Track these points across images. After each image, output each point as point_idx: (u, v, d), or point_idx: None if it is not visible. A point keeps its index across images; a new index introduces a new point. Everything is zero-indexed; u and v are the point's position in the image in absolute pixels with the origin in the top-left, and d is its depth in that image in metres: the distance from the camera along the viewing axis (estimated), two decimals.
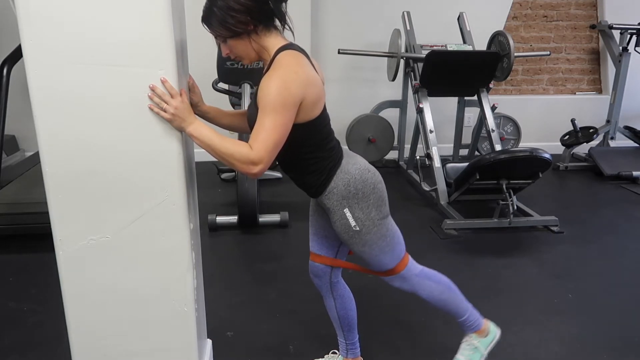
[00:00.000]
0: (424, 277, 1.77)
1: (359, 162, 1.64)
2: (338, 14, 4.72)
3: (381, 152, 4.75)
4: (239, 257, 3.10)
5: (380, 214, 1.63)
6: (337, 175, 1.59)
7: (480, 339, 1.89)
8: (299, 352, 2.16)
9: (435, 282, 1.79)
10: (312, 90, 1.46)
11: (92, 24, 1.27)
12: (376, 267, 1.71)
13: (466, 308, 1.85)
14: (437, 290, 1.79)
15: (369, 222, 1.60)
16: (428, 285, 1.77)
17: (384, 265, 1.70)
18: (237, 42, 1.49)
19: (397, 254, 1.70)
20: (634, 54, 4.79)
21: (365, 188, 1.59)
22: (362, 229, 1.60)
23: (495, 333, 1.92)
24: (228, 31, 1.46)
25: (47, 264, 1.82)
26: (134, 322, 1.54)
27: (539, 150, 3.17)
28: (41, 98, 1.31)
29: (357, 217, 1.59)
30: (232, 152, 1.38)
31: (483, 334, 1.89)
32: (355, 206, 1.59)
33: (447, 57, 3.99)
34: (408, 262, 1.74)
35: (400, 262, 1.71)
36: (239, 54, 1.53)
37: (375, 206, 1.61)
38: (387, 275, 1.74)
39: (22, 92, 1.76)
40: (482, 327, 1.89)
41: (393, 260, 1.69)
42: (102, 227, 1.43)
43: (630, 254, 3.12)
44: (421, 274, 1.77)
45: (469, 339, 1.89)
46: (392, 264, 1.70)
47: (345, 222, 1.60)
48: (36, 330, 2.28)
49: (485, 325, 1.90)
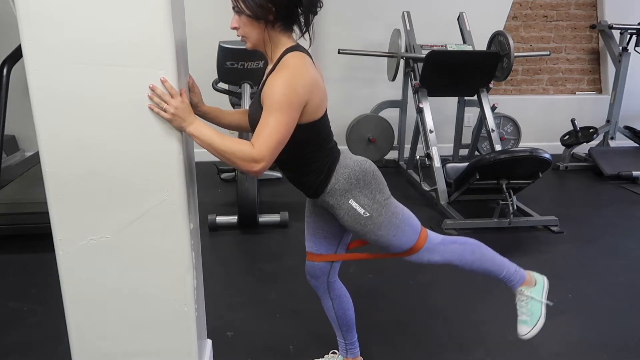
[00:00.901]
0: (450, 243, 1.73)
1: (355, 156, 1.66)
2: (338, 14, 4.72)
3: (381, 152, 4.74)
4: (239, 257, 3.10)
5: (384, 195, 1.62)
6: (337, 172, 1.59)
7: (530, 289, 1.80)
8: (299, 352, 2.16)
9: (462, 243, 1.74)
10: (317, 92, 1.47)
11: (92, 24, 1.27)
12: (398, 248, 1.66)
13: (502, 263, 1.78)
14: (468, 251, 1.73)
15: (377, 204, 1.59)
16: (456, 249, 1.72)
17: (405, 243, 1.65)
18: (251, 22, 1.45)
19: (414, 227, 1.66)
20: (634, 54, 4.79)
21: (365, 176, 1.60)
22: (373, 213, 1.59)
23: (543, 280, 1.84)
24: (247, 7, 1.42)
25: (47, 264, 1.82)
26: (134, 322, 1.54)
27: (539, 150, 3.17)
28: (41, 98, 1.31)
29: (364, 204, 1.59)
30: (234, 150, 1.38)
31: (531, 284, 1.81)
32: (359, 195, 1.59)
33: (447, 57, 3.99)
34: (428, 233, 1.70)
35: (420, 236, 1.67)
36: (246, 35, 1.48)
37: (377, 190, 1.61)
38: (412, 253, 1.68)
39: (22, 92, 1.76)
40: (527, 278, 1.81)
41: (412, 235, 1.65)
42: (102, 227, 1.43)
43: (630, 254, 3.12)
44: (445, 240, 1.73)
45: (520, 294, 1.81)
46: (412, 239, 1.65)
47: (354, 213, 1.59)
48: (36, 330, 2.28)
49: (530, 276, 1.83)
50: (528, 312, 1.80)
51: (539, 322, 1.79)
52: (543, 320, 1.79)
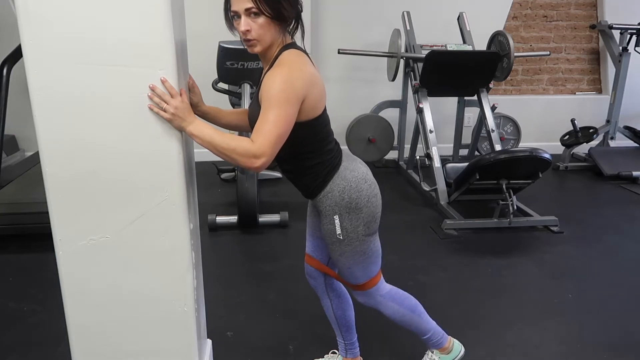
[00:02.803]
0: (389, 299, 1.79)
1: (358, 169, 1.63)
2: (338, 14, 4.72)
3: (381, 152, 4.74)
4: (239, 257, 3.10)
5: (367, 230, 1.63)
6: (334, 181, 1.59)
7: (441, 355, 1.94)
8: (299, 352, 2.16)
9: (399, 304, 1.81)
10: (315, 89, 1.47)
11: (92, 24, 1.27)
12: (346, 278, 1.73)
13: (429, 328, 1.89)
14: (399, 313, 1.82)
15: (354, 235, 1.61)
16: (391, 307, 1.80)
17: (354, 279, 1.71)
18: (269, 24, 1.41)
19: (369, 272, 1.71)
20: (634, 54, 4.79)
21: (359, 199, 1.59)
22: (345, 240, 1.61)
23: (460, 351, 1.96)
24: (274, 10, 1.39)
25: (47, 264, 1.82)
26: (134, 322, 1.54)
27: (539, 150, 3.17)
28: (41, 98, 1.31)
29: (344, 227, 1.60)
30: (234, 147, 1.38)
31: (445, 351, 1.94)
32: (345, 216, 1.59)
33: (447, 57, 3.99)
34: (378, 282, 1.75)
35: (369, 281, 1.73)
36: (261, 37, 1.42)
37: (364, 221, 1.61)
38: (354, 288, 1.76)
39: (22, 92, 1.76)
40: (445, 345, 1.93)
41: (364, 276, 1.71)
42: (102, 227, 1.43)
43: (630, 254, 3.12)
44: (387, 295, 1.79)
45: (431, 354, 1.95)
46: (361, 279, 1.71)
47: (332, 228, 1.61)
48: (36, 330, 2.28)
49: (449, 343, 1.95)
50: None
51: None
52: None
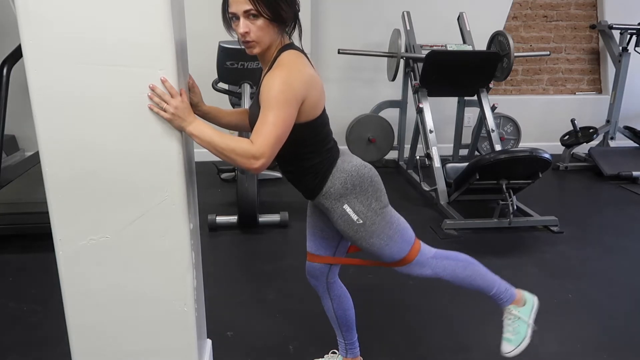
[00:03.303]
0: (442, 258, 1.71)
1: (354, 160, 1.64)
2: (338, 14, 4.72)
3: (381, 152, 4.74)
4: (239, 257, 3.10)
5: (380, 203, 1.61)
6: (333, 175, 1.58)
7: (519, 309, 1.79)
8: (299, 352, 2.16)
9: (454, 259, 1.72)
10: (314, 90, 1.47)
11: (92, 24, 1.27)
12: (389, 258, 1.65)
13: (493, 280, 1.77)
14: (460, 268, 1.72)
15: (371, 212, 1.58)
16: (448, 265, 1.70)
17: (396, 254, 1.64)
18: (268, 25, 1.41)
19: (407, 239, 1.65)
20: (634, 54, 4.79)
21: (362, 182, 1.59)
22: (366, 221, 1.58)
23: (533, 300, 1.83)
24: (273, 12, 1.39)
25: (47, 264, 1.82)
26: (134, 322, 1.54)
27: (538, 150, 3.17)
28: (41, 98, 1.31)
29: (358, 210, 1.58)
30: (233, 148, 1.38)
31: (520, 303, 1.80)
32: (354, 201, 1.58)
33: (447, 57, 3.99)
34: (421, 247, 1.68)
35: (412, 248, 1.65)
36: (260, 38, 1.43)
37: (374, 197, 1.59)
38: (402, 264, 1.67)
39: (22, 92, 1.76)
40: (517, 297, 1.80)
41: (404, 246, 1.64)
42: (102, 227, 1.43)
43: (630, 254, 3.12)
44: (437, 255, 1.71)
45: (508, 312, 1.79)
46: (404, 250, 1.64)
47: (348, 218, 1.59)
48: (36, 330, 2.28)
49: (520, 295, 1.81)
50: (513, 331, 1.78)
51: (522, 342, 1.78)
52: (527, 341, 1.78)
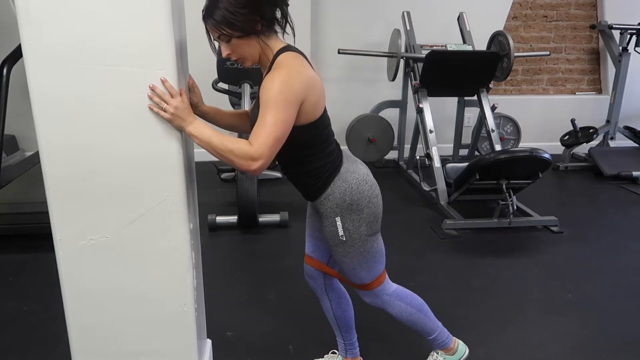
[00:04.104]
0: (396, 298, 1.79)
1: (359, 171, 1.63)
2: (338, 14, 4.72)
3: (381, 152, 4.74)
4: (239, 257, 3.10)
5: (370, 230, 1.63)
6: (335, 183, 1.58)
7: (446, 356, 1.92)
8: (299, 352, 2.16)
9: (406, 303, 1.80)
10: (313, 91, 1.46)
11: (92, 24, 1.27)
12: (351, 278, 1.72)
13: (435, 328, 1.87)
14: (407, 312, 1.80)
15: (357, 235, 1.61)
16: (398, 306, 1.79)
17: (359, 279, 1.70)
18: (243, 42, 1.44)
19: (374, 271, 1.70)
20: (634, 54, 4.79)
21: (360, 200, 1.59)
22: (348, 241, 1.61)
23: (464, 352, 1.95)
24: (236, 30, 1.40)
25: (47, 264, 1.82)
26: (134, 322, 1.54)
27: (538, 150, 3.17)
28: (41, 98, 1.31)
29: (347, 228, 1.60)
30: (232, 149, 1.38)
31: (450, 352, 1.93)
32: (347, 217, 1.59)
33: (447, 57, 3.99)
34: (383, 282, 1.75)
35: (375, 280, 1.72)
36: (243, 55, 1.48)
37: (366, 222, 1.61)
38: (360, 288, 1.75)
39: (22, 92, 1.76)
40: (450, 345, 1.92)
41: (369, 276, 1.70)
42: (102, 227, 1.43)
43: (630, 254, 3.12)
44: (394, 294, 1.79)
45: (436, 354, 1.93)
46: (367, 279, 1.71)
47: (334, 230, 1.61)
48: (36, 330, 2.28)
49: (454, 344, 1.94)
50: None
51: None
52: None
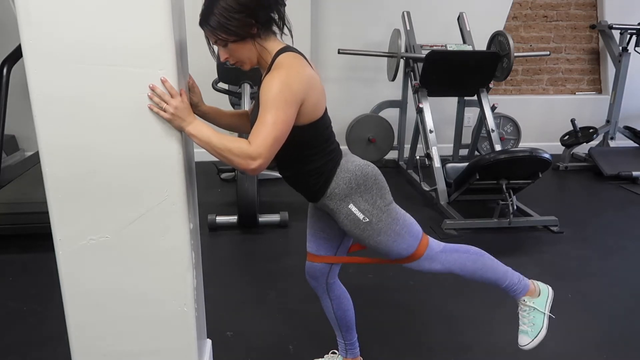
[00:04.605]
0: (451, 251, 1.69)
1: (357, 159, 1.64)
2: (338, 14, 4.72)
3: (381, 152, 4.74)
4: (239, 257, 3.10)
5: (385, 201, 1.60)
6: (337, 176, 1.58)
7: (533, 299, 1.75)
8: (299, 352, 2.16)
9: (464, 252, 1.70)
10: (313, 91, 1.46)
11: (92, 24, 1.27)
12: (397, 255, 1.63)
13: (505, 272, 1.74)
14: (470, 260, 1.69)
15: (377, 210, 1.58)
16: (459, 258, 1.68)
17: (405, 250, 1.62)
18: (239, 46, 1.46)
19: (414, 234, 1.63)
20: (634, 54, 4.79)
21: (367, 181, 1.59)
22: (372, 219, 1.58)
23: (548, 290, 1.79)
24: (231, 35, 1.43)
25: (47, 264, 1.82)
26: (134, 322, 1.54)
27: (538, 150, 3.17)
28: (41, 98, 1.31)
29: (364, 209, 1.57)
30: (231, 148, 1.38)
31: (535, 294, 1.76)
32: (359, 199, 1.58)
33: (447, 57, 3.99)
34: (429, 242, 1.67)
35: (420, 243, 1.64)
36: (240, 59, 1.50)
37: (378, 195, 1.59)
38: (411, 260, 1.65)
39: (22, 92, 1.76)
40: (531, 288, 1.76)
41: (412, 242, 1.62)
42: (102, 227, 1.43)
43: (630, 254, 3.12)
44: (446, 248, 1.69)
45: (523, 304, 1.76)
46: (412, 246, 1.63)
47: (354, 218, 1.58)
48: (36, 330, 2.28)
49: (533, 285, 1.78)
50: (529, 323, 1.75)
51: (540, 333, 1.74)
52: (544, 332, 1.74)
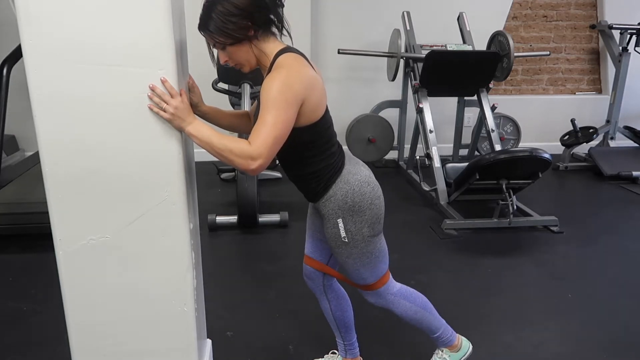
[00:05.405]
0: (400, 297, 1.78)
1: (360, 172, 1.63)
2: (338, 14, 4.72)
3: (381, 152, 4.74)
4: (239, 257, 3.10)
5: (372, 231, 1.63)
6: (337, 184, 1.58)
7: (451, 353, 1.92)
8: (298, 352, 2.16)
9: (410, 302, 1.80)
10: (314, 92, 1.46)
11: (92, 24, 1.27)
12: (354, 279, 1.72)
13: (439, 325, 1.87)
14: (412, 311, 1.80)
15: (359, 237, 1.61)
16: (402, 305, 1.79)
17: (363, 280, 1.70)
18: (237, 48, 1.47)
19: (378, 271, 1.70)
20: (634, 54, 4.79)
21: (362, 202, 1.59)
22: (350, 242, 1.61)
23: (468, 348, 1.95)
24: (228, 38, 1.44)
25: (47, 264, 1.82)
26: (134, 322, 1.54)
27: (538, 150, 3.17)
28: (41, 98, 1.31)
29: (349, 229, 1.60)
30: (231, 148, 1.38)
31: (455, 349, 1.93)
32: (349, 219, 1.59)
33: (447, 57, 3.99)
34: (387, 281, 1.75)
35: (379, 280, 1.72)
36: (239, 61, 1.52)
37: (368, 223, 1.61)
38: (364, 289, 1.75)
39: (22, 92, 1.76)
40: (455, 343, 1.92)
41: (372, 276, 1.70)
42: (102, 227, 1.43)
43: (630, 254, 3.12)
44: (398, 293, 1.78)
45: (439, 353, 1.93)
46: (370, 279, 1.70)
47: (336, 232, 1.61)
48: (36, 330, 2.28)
49: (458, 341, 1.94)
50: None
51: None
52: None
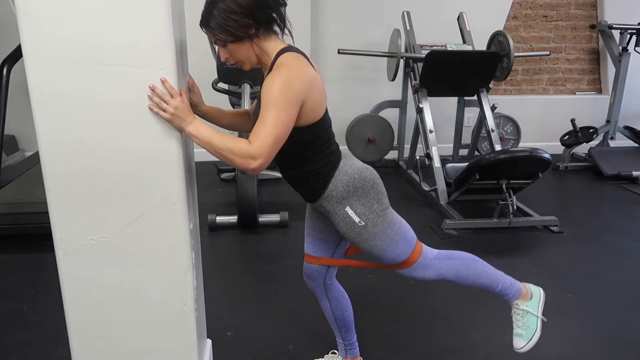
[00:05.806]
0: (444, 258, 1.69)
1: (356, 162, 1.64)
2: (338, 14, 4.72)
3: (381, 152, 4.75)
4: (239, 257, 3.10)
5: (382, 205, 1.60)
6: (336, 178, 1.58)
7: (526, 303, 1.78)
8: (298, 352, 2.16)
9: (457, 258, 1.71)
10: (315, 91, 1.46)
11: (92, 24, 1.27)
12: (390, 260, 1.63)
13: (497, 277, 1.76)
14: (464, 267, 1.70)
15: (373, 214, 1.58)
16: (452, 265, 1.69)
17: (398, 256, 1.63)
18: (238, 46, 1.48)
19: (408, 241, 1.64)
20: (633, 54, 4.79)
21: (364, 185, 1.58)
22: (368, 223, 1.58)
23: (539, 292, 1.82)
24: (229, 35, 1.44)
25: (47, 264, 1.82)
26: (134, 322, 1.54)
27: (538, 150, 3.17)
28: (41, 98, 1.31)
29: (360, 212, 1.58)
30: (231, 148, 1.38)
31: (527, 297, 1.79)
32: (356, 203, 1.58)
33: (447, 57, 3.99)
34: (422, 249, 1.67)
35: (414, 250, 1.64)
36: (239, 59, 1.52)
37: (375, 199, 1.59)
38: (404, 267, 1.65)
39: (22, 92, 1.76)
40: (523, 291, 1.79)
41: (406, 248, 1.63)
42: (102, 227, 1.43)
43: (630, 254, 3.12)
44: (439, 255, 1.69)
45: (516, 307, 1.79)
46: (406, 253, 1.63)
47: (350, 221, 1.58)
48: (36, 330, 2.28)
49: (525, 288, 1.81)
50: (523, 326, 1.78)
51: (534, 336, 1.77)
52: (539, 334, 1.77)
